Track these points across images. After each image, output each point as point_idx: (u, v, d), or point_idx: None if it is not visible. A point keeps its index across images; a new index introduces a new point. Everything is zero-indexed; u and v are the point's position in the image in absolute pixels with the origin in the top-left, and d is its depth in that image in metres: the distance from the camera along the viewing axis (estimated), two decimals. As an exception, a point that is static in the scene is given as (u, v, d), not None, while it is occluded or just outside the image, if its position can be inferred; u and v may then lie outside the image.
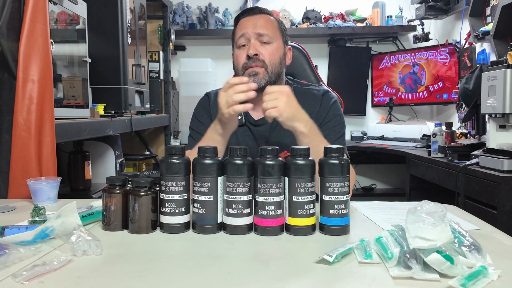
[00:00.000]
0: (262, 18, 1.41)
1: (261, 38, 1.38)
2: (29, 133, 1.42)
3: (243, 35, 1.38)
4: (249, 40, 1.38)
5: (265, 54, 1.37)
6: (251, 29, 1.38)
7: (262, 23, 1.39)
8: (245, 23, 1.41)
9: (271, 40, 1.39)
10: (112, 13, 2.37)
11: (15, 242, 0.82)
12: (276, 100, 1.18)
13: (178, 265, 0.77)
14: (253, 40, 1.37)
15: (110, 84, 2.38)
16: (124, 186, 0.96)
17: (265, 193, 0.91)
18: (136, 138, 3.33)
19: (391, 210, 1.15)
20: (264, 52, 1.37)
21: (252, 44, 1.36)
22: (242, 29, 1.39)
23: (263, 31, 1.38)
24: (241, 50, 1.39)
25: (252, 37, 1.37)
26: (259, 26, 1.39)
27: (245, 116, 1.46)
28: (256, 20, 1.40)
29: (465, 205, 2.18)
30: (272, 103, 1.18)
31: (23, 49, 1.43)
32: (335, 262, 0.74)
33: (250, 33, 1.37)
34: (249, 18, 1.41)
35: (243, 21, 1.42)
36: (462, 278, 0.65)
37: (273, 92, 1.20)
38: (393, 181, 4.09)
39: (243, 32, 1.38)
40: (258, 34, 1.37)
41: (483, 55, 2.90)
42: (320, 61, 3.98)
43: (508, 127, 2.08)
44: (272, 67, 1.37)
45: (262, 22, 1.40)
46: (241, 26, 1.41)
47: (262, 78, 1.35)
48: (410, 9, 3.86)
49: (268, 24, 1.40)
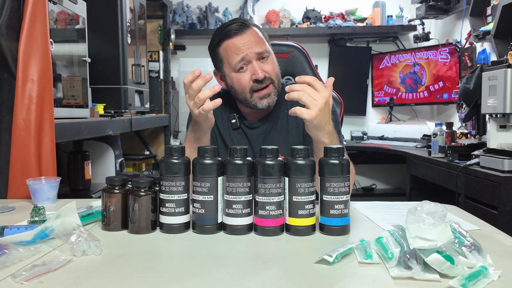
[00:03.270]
0: (251, 35, 1.33)
1: (261, 57, 1.33)
2: (29, 133, 1.41)
3: (243, 59, 1.31)
4: (249, 62, 1.32)
5: (270, 71, 1.34)
6: (249, 50, 1.31)
7: (255, 40, 1.33)
8: (238, 44, 1.32)
9: (268, 53, 1.35)
10: (112, 12, 2.37)
11: (15, 242, 0.82)
12: (313, 102, 1.05)
13: (178, 265, 0.77)
14: (255, 62, 1.32)
15: (110, 84, 2.38)
16: (124, 186, 0.96)
17: (265, 193, 0.91)
18: (136, 138, 3.33)
19: (391, 210, 1.15)
20: (268, 69, 1.33)
21: (257, 66, 1.31)
22: (239, 52, 1.31)
23: (261, 49, 1.33)
24: (243, 74, 1.33)
25: (253, 58, 1.32)
26: (254, 45, 1.32)
27: (239, 119, 1.44)
28: (247, 38, 1.33)
29: (465, 205, 2.18)
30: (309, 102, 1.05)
31: (23, 49, 1.42)
32: (335, 262, 0.74)
33: (251, 55, 1.31)
34: (239, 38, 1.33)
35: (233, 42, 1.33)
36: (463, 278, 0.65)
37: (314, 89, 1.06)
38: (394, 181, 4.09)
39: (242, 56, 1.31)
40: (258, 54, 1.32)
41: (484, 55, 2.89)
42: (320, 61, 3.98)
43: (508, 127, 2.08)
44: (277, 79, 1.37)
45: (254, 38, 1.33)
46: (235, 48, 1.32)
47: (273, 95, 1.35)
48: (411, 8, 3.86)
49: (260, 39, 1.34)
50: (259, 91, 1.33)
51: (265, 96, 1.34)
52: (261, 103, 1.34)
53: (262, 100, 1.34)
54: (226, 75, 1.37)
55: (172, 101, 3.57)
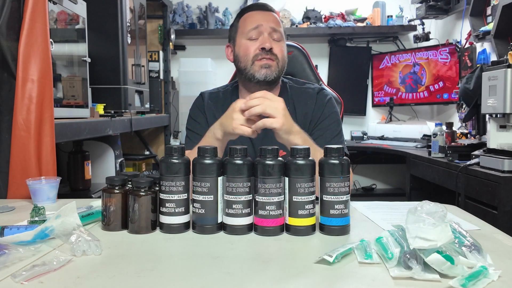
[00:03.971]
0: (273, 16, 1.43)
1: (274, 35, 1.40)
2: (29, 133, 1.41)
3: (257, 27, 1.39)
4: (262, 33, 1.39)
5: (278, 50, 1.39)
6: (265, 22, 1.39)
7: (274, 20, 1.42)
8: (257, 17, 1.41)
9: (281, 38, 1.42)
10: (112, 12, 2.37)
11: (15, 242, 0.82)
12: (276, 110, 1.12)
13: (178, 265, 0.77)
14: (266, 34, 1.38)
15: (110, 84, 2.38)
16: (124, 186, 0.96)
17: (265, 193, 0.91)
18: (136, 138, 3.33)
19: (391, 210, 1.15)
20: (277, 49, 1.39)
21: (267, 38, 1.38)
22: (255, 21, 1.40)
23: (276, 27, 1.40)
24: (252, 42, 1.39)
25: (266, 31, 1.39)
26: (272, 22, 1.40)
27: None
28: (268, 15, 1.42)
29: (465, 205, 2.18)
30: (273, 111, 1.12)
31: (23, 49, 1.42)
32: (335, 262, 0.74)
33: (266, 26, 1.39)
34: (261, 12, 1.43)
35: (254, 14, 1.43)
36: (463, 278, 0.65)
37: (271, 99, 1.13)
38: (393, 181, 4.09)
39: (257, 25, 1.39)
40: (273, 29, 1.39)
41: (484, 55, 2.89)
42: (320, 61, 3.98)
43: (508, 127, 2.08)
44: (283, 62, 1.41)
45: (274, 19, 1.42)
46: (253, 18, 1.41)
47: (273, 71, 1.38)
48: (411, 8, 3.86)
49: (279, 24, 1.43)
50: (261, 60, 1.37)
51: (266, 66, 1.37)
52: (260, 73, 1.37)
53: (261, 69, 1.37)
54: (237, 43, 1.43)
55: (172, 101, 3.57)
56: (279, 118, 1.12)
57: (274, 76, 1.38)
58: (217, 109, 1.46)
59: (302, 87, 1.50)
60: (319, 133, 1.40)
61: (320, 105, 1.44)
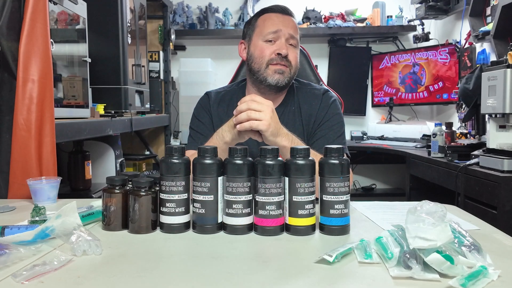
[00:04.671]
0: (292, 22, 1.44)
1: (291, 41, 1.40)
2: (29, 133, 1.42)
3: (276, 31, 1.39)
4: (280, 38, 1.39)
5: (292, 58, 1.41)
6: (285, 28, 1.39)
7: (293, 26, 1.42)
8: (277, 20, 1.41)
9: (297, 45, 1.43)
10: (112, 13, 2.37)
11: (15, 242, 0.82)
12: (262, 113, 1.13)
13: (178, 265, 0.77)
14: (283, 40, 1.39)
15: (110, 84, 2.38)
16: (124, 186, 0.96)
17: (265, 193, 0.91)
18: (136, 138, 3.33)
19: (391, 210, 1.15)
20: (292, 55, 1.40)
21: (284, 44, 1.38)
22: (275, 25, 1.40)
23: (294, 34, 1.41)
24: (269, 45, 1.40)
25: (284, 36, 1.39)
26: (291, 28, 1.41)
27: None
28: (288, 20, 1.42)
29: (465, 205, 2.18)
30: (258, 115, 1.13)
31: (23, 49, 1.42)
32: (335, 262, 0.74)
33: (285, 31, 1.39)
34: (282, 15, 1.43)
35: (275, 16, 1.42)
36: (462, 278, 0.65)
37: (258, 102, 1.15)
38: (393, 181, 4.09)
39: (277, 29, 1.39)
40: (291, 36, 1.40)
41: (483, 55, 2.90)
42: (320, 61, 3.98)
43: (508, 127, 2.08)
44: (295, 69, 1.43)
45: (293, 25, 1.43)
46: (273, 21, 1.41)
47: (286, 77, 1.40)
48: (410, 9, 3.86)
49: (297, 30, 1.44)
50: (275, 64, 1.38)
51: (279, 72, 1.38)
52: (272, 78, 1.38)
53: (274, 74, 1.38)
54: (253, 42, 1.43)
55: (172, 101, 3.57)
56: (265, 121, 1.13)
57: (285, 82, 1.40)
58: (223, 110, 1.46)
59: (307, 88, 1.51)
60: (322, 133, 1.41)
61: (324, 106, 1.45)
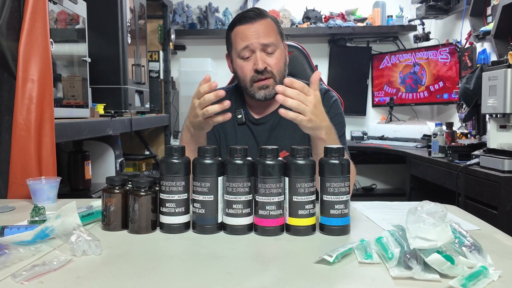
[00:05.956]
0: (262, 25, 1.35)
1: (266, 49, 1.34)
2: (29, 133, 1.41)
3: (247, 47, 1.33)
4: (253, 52, 1.34)
5: (272, 65, 1.34)
6: (255, 39, 1.32)
7: (264, 31, 1.34)
8: (246, 32, 1.34)
9: (275, 47, 1.35)
10: (112, 12, 2.37)
11: (15, 242, 0.82)
12: (308, 107, 1.04)
13: (178, 265, 0.77)
14: (258, 52, 1.33)
15: (110, 84, 2.38)
16: (124, 186, 0.96)
17: (265, 193, 0.91)
18: (136, 138, 3.33)
19: (392, 210, 1.15)
20: (271, 63, 1.34)
21: (259, 57, 1.32)
22: (245, 39, 1.33)
23: (267, 41, 1.33)
24: (246, 62, 1.35)
25: (257, 48, 1.33)
26: (262, 35, 1.33)
27: (246, 115, 1.45)
28: (257, 28, 1.34)
29: (465, 205, 2.18)
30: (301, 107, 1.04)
31: (23, 49, 1.42)
32: (335, 262, 0.74)
33: (255, 44, 1.33)
34: (249, 26, 1.34)
35: (243, 29, 1.35)
36: (463, 278, 0.65)
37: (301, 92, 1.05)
38: (394, 181, 4.09)
39: (247, 44, 1.33)
40: (263, 45, 1.33)
41: (484, 55, 2.89)
42: (320, 61, 3.98)
43: (508, 127, 2.08)
44: (280, 75, 1.37)
45: (264, 29, 1.34)
46: (242, 35, 1.34)
47: (271, 90, 1.35)
48: (411, 8, 3.86)
49: (271, 31, 1.36)
50: (258, 82, 1.35)
51: (263, 87, 1.36)
52: (259, 94, 1.36)
53: (260, 91, 1.36)
54: (233, 60, 1.41)
55: (172, 101, 3.57)
56: (307, 116, 1.05)
57: (273, 93, 1.33)
58: None
59: None
60: None
61: (325, 105, 1.43)
